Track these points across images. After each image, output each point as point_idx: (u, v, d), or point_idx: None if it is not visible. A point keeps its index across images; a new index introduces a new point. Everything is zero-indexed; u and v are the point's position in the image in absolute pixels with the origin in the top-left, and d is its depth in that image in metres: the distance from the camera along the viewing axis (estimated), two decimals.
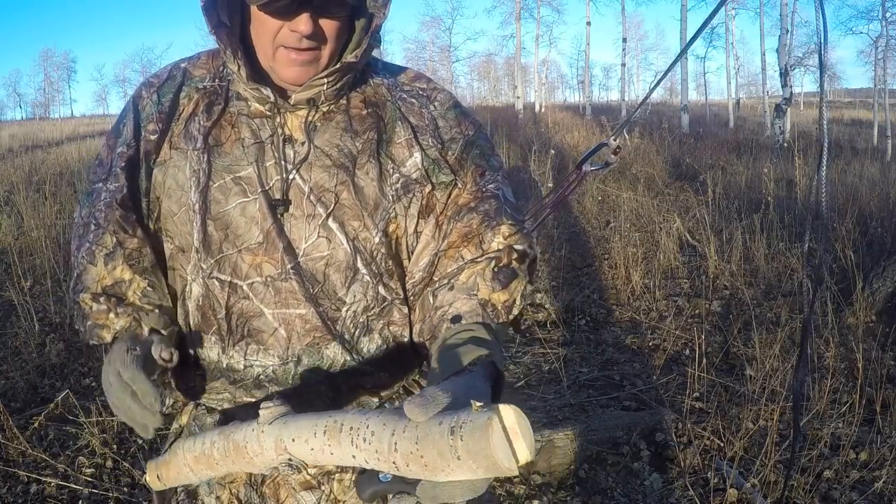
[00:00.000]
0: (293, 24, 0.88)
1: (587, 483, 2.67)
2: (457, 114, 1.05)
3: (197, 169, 0.97)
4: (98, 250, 0.97)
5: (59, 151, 13.86)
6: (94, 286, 0.97)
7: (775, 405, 2.79)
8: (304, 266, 0.96)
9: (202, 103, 0.99)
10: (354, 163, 0.98)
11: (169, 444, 1.05)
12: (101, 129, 22.05)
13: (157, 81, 1.02)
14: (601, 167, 1.19)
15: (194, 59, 1.04)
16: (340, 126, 0.99)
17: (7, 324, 4.13)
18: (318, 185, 0.97)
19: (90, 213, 1.00)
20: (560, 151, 10.74)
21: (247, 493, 0.99)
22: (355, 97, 1.01)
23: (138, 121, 1.00)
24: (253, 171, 0.96)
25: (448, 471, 0.59)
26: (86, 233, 0.99)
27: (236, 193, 0.96)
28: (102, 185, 1.00)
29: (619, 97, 31.79)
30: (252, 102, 0.98)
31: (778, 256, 5.23)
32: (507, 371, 1.01)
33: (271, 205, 0.96)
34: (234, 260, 0.96)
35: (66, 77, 56.03)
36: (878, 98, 17.97)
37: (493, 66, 56.32)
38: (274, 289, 0.96)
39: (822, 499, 2.47)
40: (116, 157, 1.00)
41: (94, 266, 0.97)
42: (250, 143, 0.97)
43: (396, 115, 1.01)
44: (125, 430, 2.99)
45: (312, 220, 0.96)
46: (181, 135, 0.99)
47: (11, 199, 6.83)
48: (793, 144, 9.75)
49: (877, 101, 18.11)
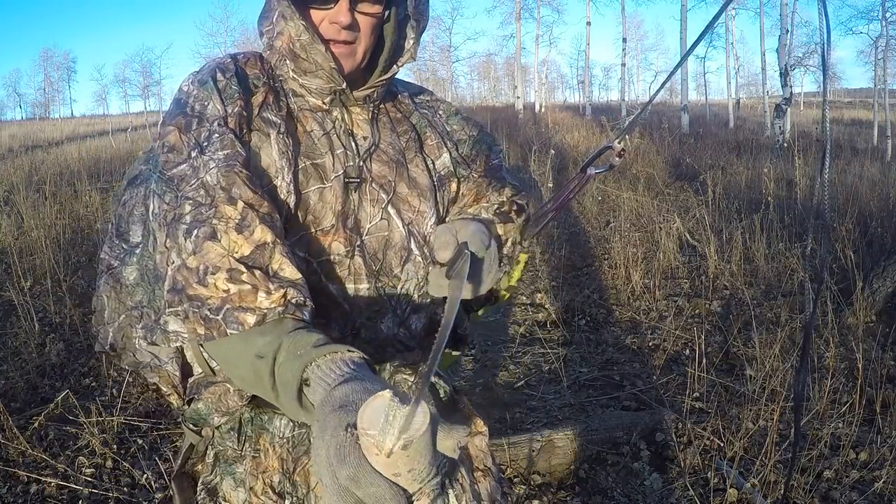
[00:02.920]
0: (333, 15, 0.97)
1: (587, 483, 2.67)
2: (459, 119, 1.22)
3: (285, 151, 0.99)
4: (219, 224, 0.87)
5: (59, 151, 13.88)
6: (224, 262, 0.85)
7: (775, 405, 2.79)
8: (368, 244, 1.04)
9: (270, 95, 1.02)
10: (405, 157, 1.10)
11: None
12: (100, 129, 22.05)
13: (227, 69, 1.01)
14: (605, 169, 1.19)
15: (241, 58, 1.05)
16: (387, 126, 1.11)
17: (7, 324, 4.13)
18: (380, 175, 1.07)
19: (178, 196, 0.91)
20: (560, 151, 10.75)
21: (280, 480, 1.00)
22: (388, 103, 1.14)
23: (222, 98, 0.97)
24: (329, 159, 1.03)
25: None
26: (179, 216, 0.89)
27: (315, 178, 1.01)
28: (191, 164, 0.92)
29: (619, 97, 31.77)
30: (310, 97, 1.04)
31: (778, 256, 5.23)
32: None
33: (345, 185, 1.03)
34: (309, 239, 1.01)
35: (66, 77, 55.93)
36: (878, 98, 17.96)
37: (493, 66, 56.34)
38: (341, 266, 1.02)
39: (822, 499, 2.47)
40: (214, 130, 0.94)
41: (218, 240, 0.86)
42: (320, 134, 1.04)
43: (424, 122, 1.17)
44: (125, 429, 2.99)
45: (376, 203, 1.05)
46: (258, 119, 1.00)
47: (11, 199, 6.83)
48: (793, 144, 9.76)
49: (877, 101, 18.10)
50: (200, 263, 0.85)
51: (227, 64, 1.02)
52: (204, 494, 1.03)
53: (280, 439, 1.02)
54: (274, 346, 0.81)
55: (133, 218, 1.03)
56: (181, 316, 0.86)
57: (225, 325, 0.83)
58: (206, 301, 0.84)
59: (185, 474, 1.08)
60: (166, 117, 0.99)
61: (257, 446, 1.02)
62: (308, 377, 0.75)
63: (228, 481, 1.02)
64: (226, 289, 0.84)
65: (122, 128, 22.17)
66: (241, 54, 1.06)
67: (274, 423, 1.03)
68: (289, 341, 0.80)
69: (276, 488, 1.00)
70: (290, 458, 1.02)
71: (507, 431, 3.01)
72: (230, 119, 0.96)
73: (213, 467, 1.05)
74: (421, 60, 46.35)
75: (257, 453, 1.02)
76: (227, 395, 0.97)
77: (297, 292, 0.86)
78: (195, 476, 1.08)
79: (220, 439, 1.04)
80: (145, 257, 0.99)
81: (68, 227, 5.96)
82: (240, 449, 1.03)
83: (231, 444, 1.03)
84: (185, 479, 1.08)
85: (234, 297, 0.84)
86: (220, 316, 0.83)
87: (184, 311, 0.85)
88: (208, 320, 0.84)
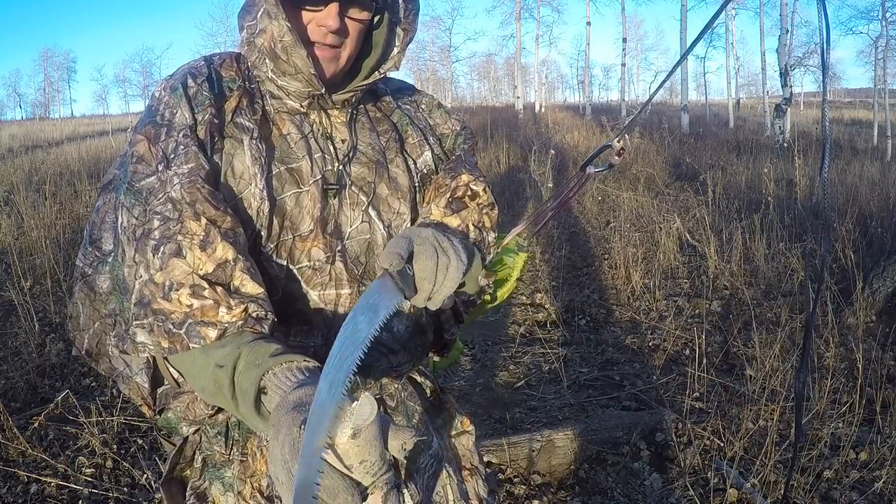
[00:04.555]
0: (322, 18, 0.96)
1: (587, 483, 2.67)
2: (442, 112, 1.20)
3: (258, 157, 0.98)
4: (184, 240, 0.88)
5: (59, 151, 13.88)
6: (188, 279, 0.87)
7: (775, 405, 2.79)
8: (349, 248, 1.04)
9: (244, 99, 1.01)
10: (385, 158, 1.09)
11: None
12: (100, 129, 22.04)
13: (199, 73, 1.00)
14: (605, 168, 1.18)
15: (216, 60, 1.04)
16: (366, 126, 1.10)
17: (7, 324, 4.13)
18: (360, 178, 1.06)
19: (146, 210, 0.92)
20: (560, 151, 10.75)
21: (269, 484, 1.00)
22: (368, 103, 1.12)
23: (192, 106, 0.97)
24: (306, 163, 1.01)
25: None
26: (148, 232, 0.90)
27: (290, 183, 1.00)
28: (159, 177, 0.93)
29: (619, 97, 31.78)
30: (287, 100, 1.03)
31: (778, 256, 5.23)
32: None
33: (324, 191, 1.02)
34: (289, 245, 1.00)
35: (66, 77, 56.00)
36: (878, 98, 17.96)
37: (493, 66, 56.36)
38: (322, 272, 1.02)
39: (822, 499, 2.47)
40: (180, 141, 0.94)
41: (183, 257, 0.88)
42: (298, 138, 1.02)
43: (405, 120, 1.14)
44: (125, 429, 2.99)
45: (356, 206, 1.05)
46: (231, 124, 0.99)
47: (11, 199, 6.83)
48: (793, 144, 9.76)
49: (877, 101, 18.10)
50: (166, 279, 0.87)
51: (199, 68, 1.01)
52: (193, 499, 1.02)
53: (268, 443, 1.02)
54: (234, 356, 0.83)
55: (105, 225, 1.01)
56: (147, 329, 0.88)
57: (188, 339, 0.86)
58: (169, 315, 0.86)
59: (174, 479, 1.07)
60: (138, 125, 0.99)
61: (245, 450, 1.02)
62: (265, 385, 0.77)
63: (217, 486, 1.02)
64: (189, 304, 0.86)
65: (122, 128, 22.13)
66: (217, 55, 1.05)
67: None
68: (247, 350, 0.82)
69: (265, 492, 1.00)
70: None
71: (507, 431, 3.02)
72: (200, 127, 0.95)
73: (202, 472, 1.04)
74: (421, 60, 46.35)
75: (245, 457, 1.02)
76: (194, 403, 0.99)
77: (257, 307, 0.88)
78: (184, 481, 1.07)
79: (208, 444, 1.04)
80: (116, 267, 0.98)
81: (68, 227, 5.95)
82: (227, 453, 1.03)
83: (219, 448, 1.03)
84: (173, 484, 1.07)
85: (196, 312, 0.86)
86: (183, 330, 0.86)
87: (149, 324, 0.88)
88: (171, 334, 0.86)
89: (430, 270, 0.90)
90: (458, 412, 1.23)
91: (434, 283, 0.91)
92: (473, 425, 1.24)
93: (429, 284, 0.90)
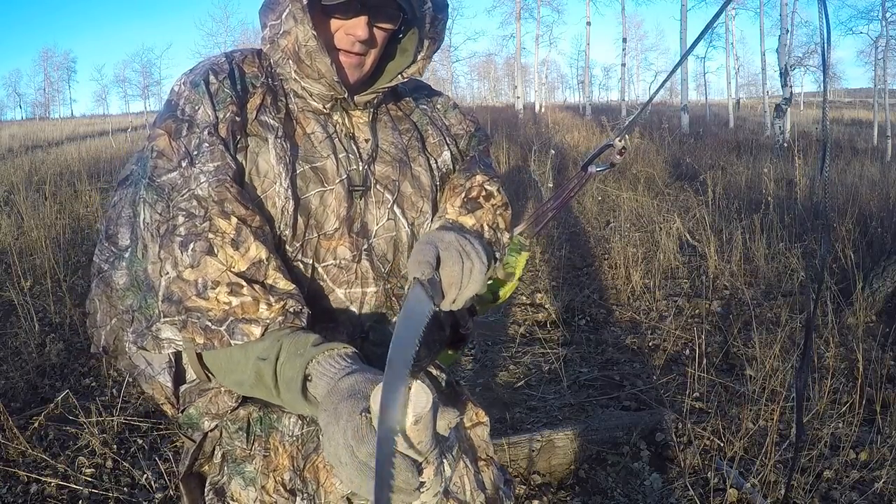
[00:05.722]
0: (351, 27, 0.96)
1: (587, 483, 2.67)
2: (457, 113, 1.21)
3: (282, 156, 0.98)
4: (215, 238, 0.88)
5: (59, 151, 13.88)
6: (224, 277, 0.88)
7: (775, 405, 2.79)
8: (376, 246, 1.05)
9: (268, 96, 1.01)
10: (408, 156, 1.10)
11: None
12: (100, 129, 22.04)
13: (221, 70, 0.99)
14: (606, 168, 1.19)
15: (237, 56, 1.03)
16: (388, 125, 1.11)
17: (7, 324, 4.13)
18: (384, 176, 1.06)
19: (169, 206, 0.91)
20: (560, 151, 10.75)
21: (291, 478, 1.01)
22: (388, 103, 1.14)
23: (214, 103, 0.95)
24: (331, 162, 1.02)
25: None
26: (173, 228, 0.90)
27: (315, 182, 1.00)
28: (182, 173, 0.92)
29: (619, 97, 31.78)
30: (311, 100, 1.03)
31: (778, 256, 5.23)
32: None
33: (349, 191, 1.02)
34: (314, 244, 1.01)
35: (66, 77, 55.95)
36: (878, 98, 17.97)
37: (493, 66, 56.33)
38: (348, 270, 1.02)
39: (822, 499, 2.47)
40: (204, 139, 0.93)
41: (215, 255, 0.88)
42: (322, 137, 1.02)
43: (425, 120, 1.16)
44: (125, 430, 2.99)
45: (382, 204, 1.06)
46: (256, 122, 0.98)
47: (11, 199, 6.83)
48: (793, 144, 9.76)
49: (877, 101, 18.11)
50: (199, 277, 0.88)
51: (220, 64, 0.99)
52: (212, 494, 1.04)
53: (290, 437, 1.03)
54: (275, 348, 0.86)
55: (121, 220, 1.01)
56: (178, 325, 0.89)
57: (229, 336, 0.88)
58: (206, 312, 0.88)
59: (193, 475, 1.08)
60: (157, 119, 0.98)
61: (268, 445, 1.03)
62: (310, 373, 0.82)
63: (238, 481, 1.02)
64: (227, 301, 0.88)
65: (122, 128, 22.14)
66: (238, 52, 1.04)
67: (283, 423, 1.03)
68: (288, 342, 0.86)
69: (288, 486, 1.01)
70: (299, 455, 1.03)
71: (507, 431, 3.01)
72: (221, 126, 0.94)
73: (221, 467, 1.05)
74: None
75: (268, 452, 1.03)
76: (217, 396, 0.99)
77: (294, 302, 0.91)
78: (203, 476, 1.08)
79: (229, 439, 1.05)
80: (134, 262, 0.97)
81: (68, 227, 5.95)
82: (249, 448, 1.03)
83: (240, 443, 1.03)
84: (192, 479, 1.08)
85: (236, 310, 0.88)
86: (224, 327, 0.88)
87: (181, 321, 0.88)
88: (209, 330, 0.88)
89: (456, 276, 0.94)
90: (474, 404, 1.24)
91: (460, 287, 0.95)
92: (488, 416, 1.25)
93: (455, 289, 0.95)
